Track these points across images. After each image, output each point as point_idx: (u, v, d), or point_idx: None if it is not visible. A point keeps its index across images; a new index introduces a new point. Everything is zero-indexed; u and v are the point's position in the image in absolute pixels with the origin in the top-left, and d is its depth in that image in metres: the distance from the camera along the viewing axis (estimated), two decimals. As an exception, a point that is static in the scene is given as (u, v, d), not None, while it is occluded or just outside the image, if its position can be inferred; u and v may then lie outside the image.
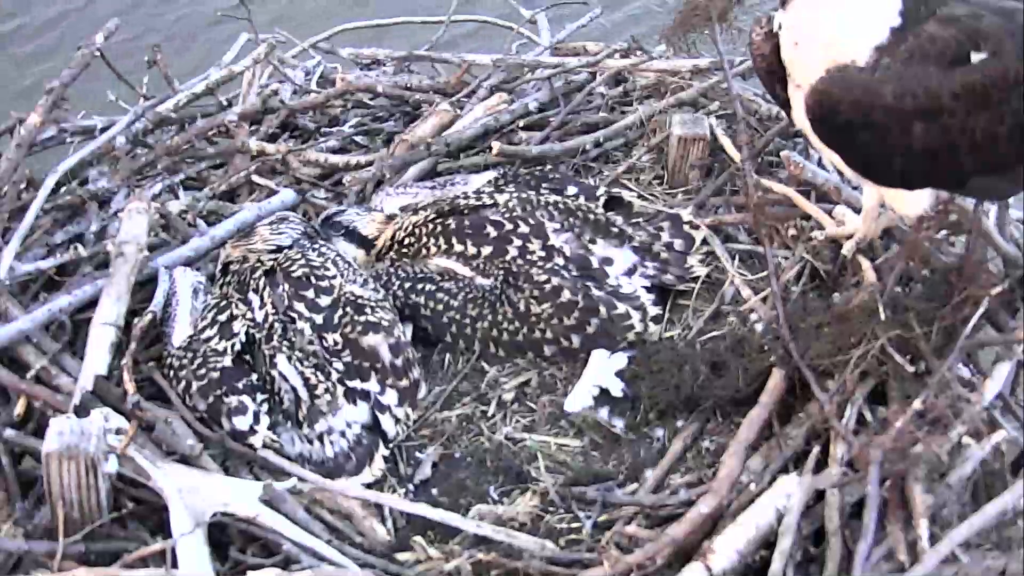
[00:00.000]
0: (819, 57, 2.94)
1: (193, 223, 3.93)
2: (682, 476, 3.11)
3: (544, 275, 3.48)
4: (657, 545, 2.77)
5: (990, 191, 3.18)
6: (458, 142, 4.20)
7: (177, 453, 3.05)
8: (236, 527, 2.91)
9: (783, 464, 3.02)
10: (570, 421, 3.28)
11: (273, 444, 3.13)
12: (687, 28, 4.01)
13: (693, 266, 3.66)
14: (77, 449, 2.83)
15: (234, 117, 4.37)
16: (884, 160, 3.01)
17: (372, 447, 3.17)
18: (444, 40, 5.21)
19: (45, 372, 3.28)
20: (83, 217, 3.95)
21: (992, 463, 3.02)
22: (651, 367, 3.30)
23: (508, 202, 3.69)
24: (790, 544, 2.76)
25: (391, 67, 4.97)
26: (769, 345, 3.23)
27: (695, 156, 4.02)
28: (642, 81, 4.56)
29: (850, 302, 3.22)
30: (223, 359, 3.24)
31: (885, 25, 2.88)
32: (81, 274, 3.65)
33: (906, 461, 2.79)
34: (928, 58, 2.86)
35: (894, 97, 2.86)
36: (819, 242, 3.58)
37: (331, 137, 4.48)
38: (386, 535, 2.96)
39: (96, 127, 4.24)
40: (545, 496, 3.04)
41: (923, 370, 3.07)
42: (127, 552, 2.79)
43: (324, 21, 6.18)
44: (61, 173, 3.85)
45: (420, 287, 3.54)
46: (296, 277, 3.44)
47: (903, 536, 2.76)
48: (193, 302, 3.47)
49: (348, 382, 3.25)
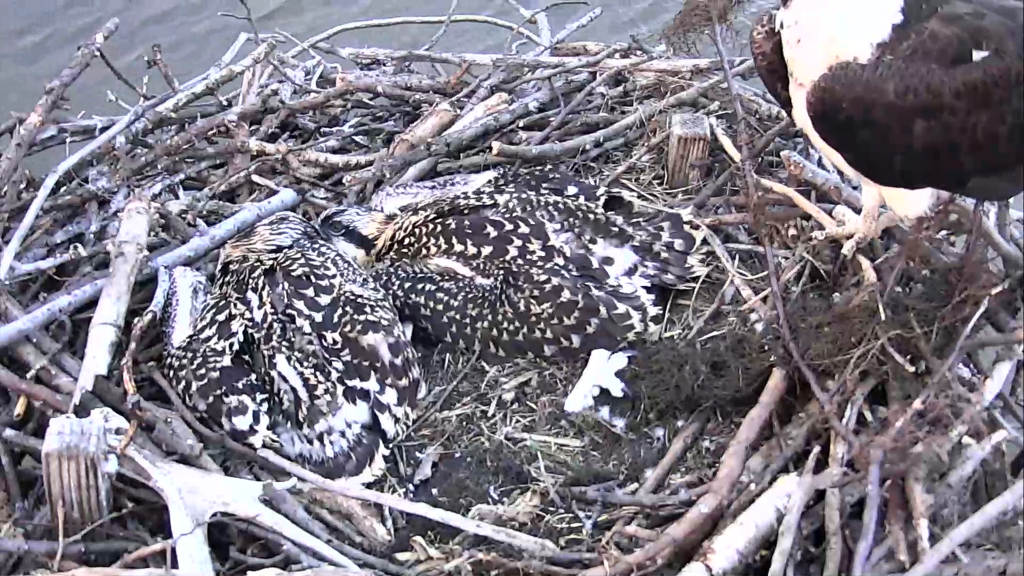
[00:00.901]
0: (821, 55, 2.93)
1: (193, 223, 3.93)
2: (682, 476, 3.11)
3: (544, 275, 3.47)
4: (657, 545, 2.77)
5: (990, 191, 3.18)
6: (458, 142, 4.20)
7: (177, 453, 3.04)
8: (236, 527, 2.91)
9: (783, 464, 3.02)
10: (570, 421, 3.28)
11: (273, 444, 3.13)
12: (687, 28, 4.00)
13: (693, 266, 3.66)
14: (77, 449, 2.83)
15: (234, 117, 4.36)
16: (885, 159, 3.00)
17: (372, 447, 3.17)
18: (444, 40, 5.20)
19: (45, 372, 3.28)
20: (83, 217, 3.96)
21: (992, 463, 3.03)
22: (651, 367, 3.30)
23: (508, 202, 3.69)
24: (790, 544, 2.76)
25: (391, 67, 4.96)
26: (769, 345, 3.23)
27: (695, 156, 4.01)
28: (642, 81, 4.55)
29: (850, 302, 3.22)
30: (222, 359, 3.24)
31: (887, 22, 2.88)
32: (81, 274, 3.66)
33: (906, 461, 2.79)
34: (930, 56, 2.85)
35: (896, 94, 2.86)
36: (819, 242, 3.58)
37: (331, 137, 4.48)
38: (386, 535, 2.96)
39: (96, 127, 4.24)
40: (545, 496, 3.04)
41: (923, 370, 3.07)
42: (127, 552, 2.79)
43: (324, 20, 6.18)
44: (61, 173, 3.84)
45: (420, 287, 3.54)
46: (296, 276, 3.44)
47: (903, 536, 2.76)
48: (193, 302, 3.47)
49: (348, 381, 3.25)
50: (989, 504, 2.83)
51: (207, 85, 4.50)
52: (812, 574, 2.81)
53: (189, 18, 8.03)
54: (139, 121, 4.20)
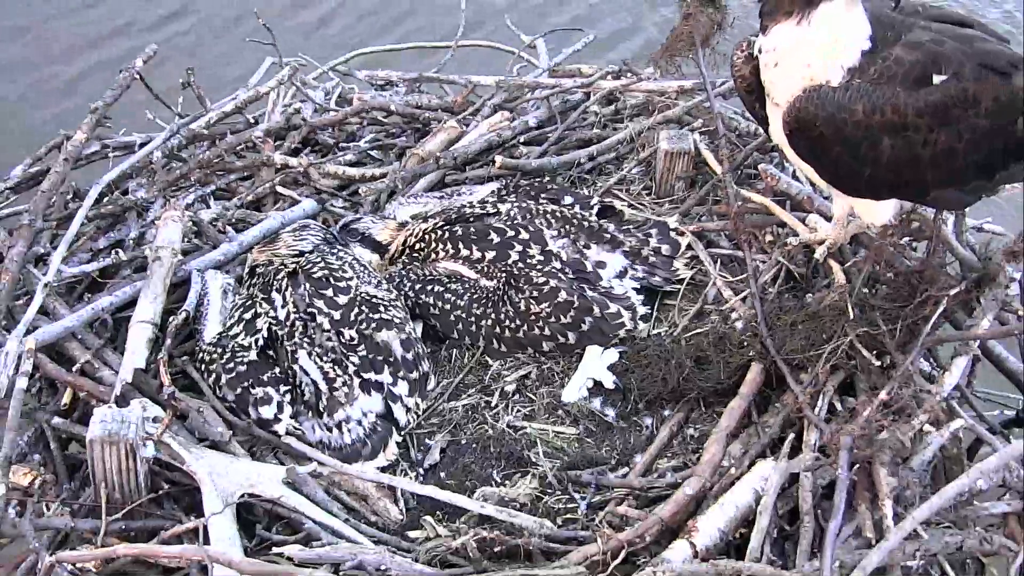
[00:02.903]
0: (796, 78, 2.94)
1: (223, 230, 3.93)
2: (669, 461, 3.11)
3: (543, 277, 3.47)
4: (646, 524, 2.77)
5: (949, 202, 3.18)
6: (464, 156, 4.20)
7: (208, 439, 3.05)
8: (262, 507, 2.91)
9: (761, 450, 3.02)
10: (566, 411, 3.28)
11: (295, 431, 3.13)
12: (673, 52, 4.01)
13: (679, 269, 3.66)
14: (118, 436, 2.84)
15: (260, 133, 4.36)
16: (854, 172, 3.00)
17: (386, 434, 3.17)
18: (451, 63, 5.21)
19: (89, 366, 3.28)
20: (123, 225, 3.95)
21: (950, 449, 3.03)
22: (640, 361, 3.30)
23: (510, 211, 3.70)
24: (767, 523, 2.77)
25: (403, 88, 4.96)
26: (748, 341, 3.23)
27: (680, 169, 4.01)
28: (632, 100, 4.55)
29: (822, 302, 3.23)
30: (249, 354, 3.24)
31: (857, 48, 2.89)
32: (121, 276, 3.65)
33: (873, 447, 2.80)
34: (895, 79, 2.86)
35: (864, 114, 2.87)
36: (793, 247, 3.58)
37: (348, 151, 4.47)
38: (398, 514, 2.96)
39: (135, 143, 4.25)
40: (544, 479, 3.04)
41: (888, 364, 3.08)
42: (163, 529, 2.80)
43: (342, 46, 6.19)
44: (104, 185, 3.85)
45: (429, 288, 3.54)
46: (316, 278, 3.44)
47: (870, 515, 2.76)
48: (223, 302, 3.48)
49: (363, 374, 3.25)
50: (947, 486, 2.83)
51: (236, 105, 4.51)
52: (787, 550, 2.82)
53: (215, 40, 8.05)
54: (174, 137, 4.21)
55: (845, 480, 2.75)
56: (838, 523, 2.68)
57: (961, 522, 2.88)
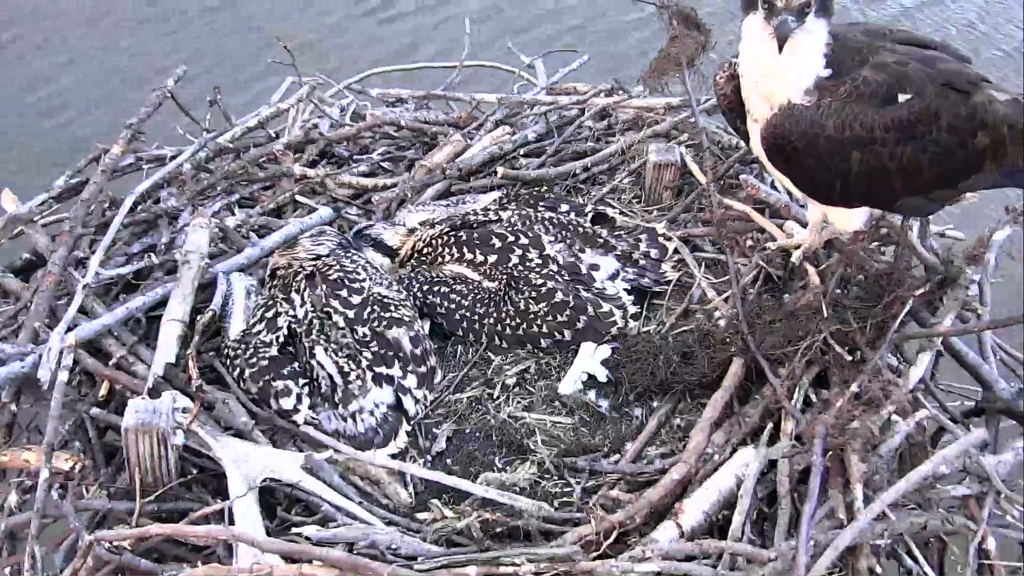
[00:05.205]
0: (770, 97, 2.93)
1: (247, 235, 3.91)
2: (657, 448, 3.11)
3: (541, 279, 3.47)
4: (636, 506, 2.78)
5: (915, 209, 3.18)
6: (468, 167, 4.20)
7: (233, 428, 3.06)
8: (282, 491, 2.92)
9: (742, 438, 3.02)
10: (563, 402, 3.27)
11: (313, 421, 3.13)
12: (661, 72, 4.00)
13: (666, 271, 3.66)
14: (150, 425, 2.84)
15: (281, 147, 4.36)
16: (827, 183, 3.00)
17: (396, 424, 3.17)
18: (457, 81, 5.21)
19: (124, 360, 3.28)
20: (155, 231, 3.94)
21: (916, 437, 3.04)
22: (631, 356, 3.30)
23: (511, 218, 3.69)
24: (748, 505, 2.78)
25: (412, 104, 4.96)
26: (730, 338, 3.23)
27: (668, 179, 4.01)
28: (623, 116, 4.54)
29: (798, 302, 3.23)
30: (271, 350, 3.24)
31: (825, 72, 2.89)
32: (153, 278, 3.65)
33: (845, 435, 2.80)
34: (863, 98, 2.86)
35: (835, 130, 2.87)
36: (772, 251, 3.57)
37: (362, 163, 4.46)
38: (408, 498, 2.96)
39: (167, 156, 4.24)
40: (542, 465, 3.04)
41: (859, 359, 3.08)
42: (192, 511, 2.80)
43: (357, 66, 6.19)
44: (137, 194, 3.84)
45: (436, 289, 3.54)
46: (332, 280, 3.44)
47: (842, 498, 2.77)
48: (246, 302, 3.47)
49: (375, 368, 3.24)
50: (913, 471, 2.84)
51: (259, 120, 4.52)
52: (766, 530, 2.82)
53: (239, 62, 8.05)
54: (202, 150, 4.21)
55: (819, 466, 2.75)
56: (813, 505, 2.69)
57: (925, 504, 2.89)
